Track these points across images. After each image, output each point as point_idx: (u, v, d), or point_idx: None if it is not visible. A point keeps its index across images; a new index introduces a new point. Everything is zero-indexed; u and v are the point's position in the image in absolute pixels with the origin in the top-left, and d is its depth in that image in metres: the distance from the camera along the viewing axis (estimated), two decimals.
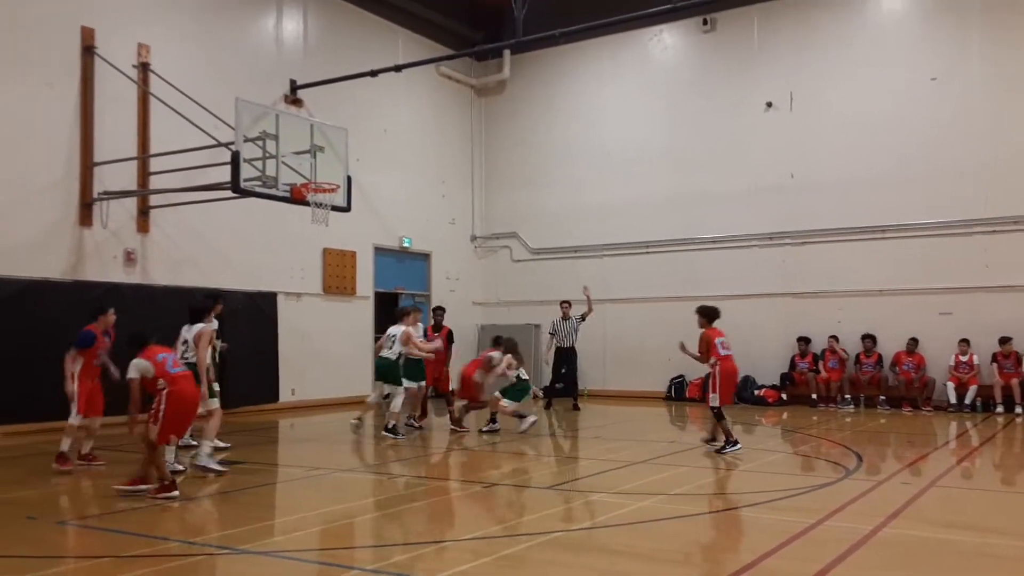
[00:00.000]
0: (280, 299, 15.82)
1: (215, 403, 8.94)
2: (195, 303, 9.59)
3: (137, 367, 7.20)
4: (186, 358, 8.55)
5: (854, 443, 11.01)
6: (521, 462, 9.96)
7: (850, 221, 16.46)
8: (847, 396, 15.87)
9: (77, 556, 5.36)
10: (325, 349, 16.55)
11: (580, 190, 19.61)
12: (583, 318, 15.83)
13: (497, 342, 12.29)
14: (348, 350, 17.19)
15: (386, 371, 11.58)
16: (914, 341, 15.65)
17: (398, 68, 15.76)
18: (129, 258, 13.62)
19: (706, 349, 10.09)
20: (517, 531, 6.23)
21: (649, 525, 6.32)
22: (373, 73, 15.74)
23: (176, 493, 7.05)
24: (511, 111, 20.94)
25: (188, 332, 8.88)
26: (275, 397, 15.49)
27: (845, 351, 16.24)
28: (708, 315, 10.34)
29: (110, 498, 7.27)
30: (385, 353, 11.57)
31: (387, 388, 11.71)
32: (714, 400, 9.92)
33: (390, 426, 11.34)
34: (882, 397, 15.67)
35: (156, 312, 13.76)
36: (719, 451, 9.83)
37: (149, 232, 13.95)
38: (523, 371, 12.11)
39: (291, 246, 15.91)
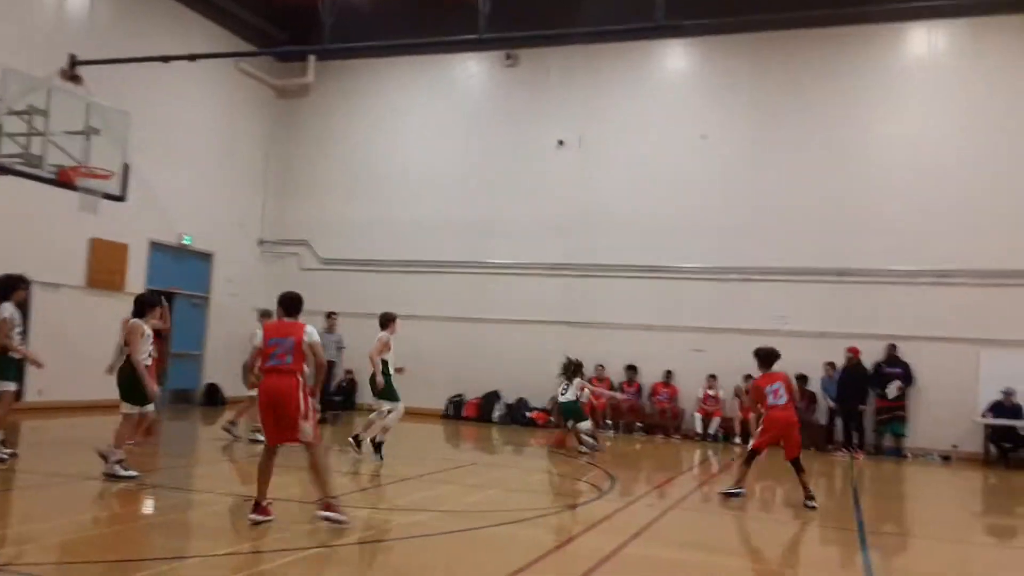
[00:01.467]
0: (35, 289, 14.45)
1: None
2: None
3: None
4: None
5: (611, 466, 11.78)
6: (287, 475, 9.75)
7: (626, 259, 17.67)
8: (608, 421, 16.95)
9: None
10: (84, 347, 15.28)
11: (377, 204, 19.58)
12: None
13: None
14: (109, 350, 15.97)
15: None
16: (669, 373, 17.07)
17: (192, 57, 14.98)
18: None
19: (755, 398, 9.70)
20: (278, 547, 6.12)
21: (410, 541, 6.45)
22: (165, 59, 14.83)
23: None
24: (313, 117, 20.55)
25: None
26: (17, 396, 14.07)
27: (610, 380, 17.39)
28: (765, 359, 9.69)
29: None
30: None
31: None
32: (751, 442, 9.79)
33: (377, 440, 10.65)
34: (639, 424, 16.91)
35: None
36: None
37: None
38: None
39: (53, 233, 14.61)
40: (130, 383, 8.47)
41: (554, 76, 18.74)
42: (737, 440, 16.04)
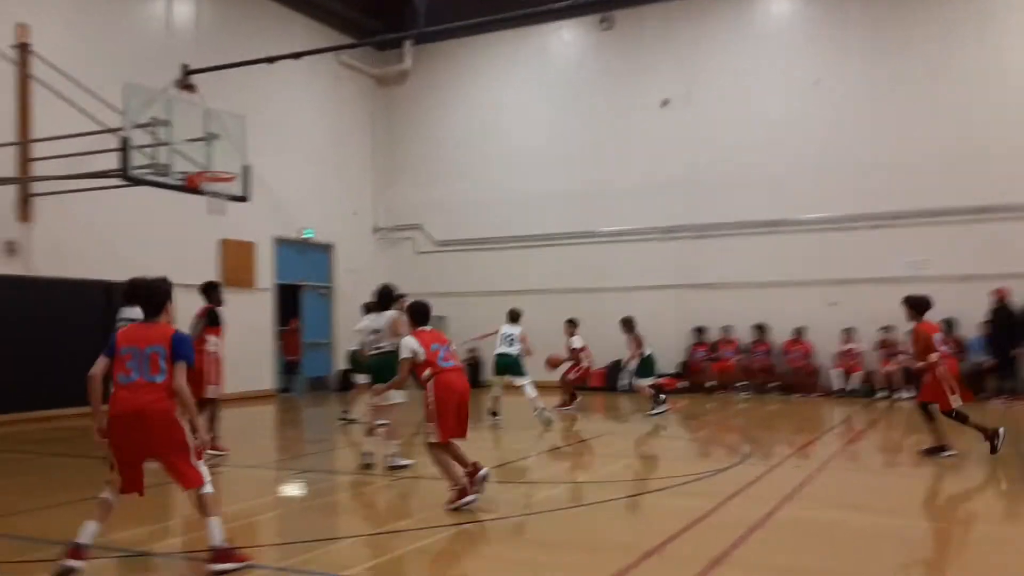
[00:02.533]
0: (174, 291, 15.18)
1: None
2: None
3: None
4: None
5: (748, 429, 11.44)
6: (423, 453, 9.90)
7: (744, 215, 17.06)
8: (741, 383, 16.49)
9: None
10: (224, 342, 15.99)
11: (484, 182, 19.64)
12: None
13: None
14: (248, 343, 16.70)
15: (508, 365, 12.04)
16: (800, 330, 16.41)
17: (297, 55, 15.33)
18: (9, 249, 12.85)
19: (924, 348, 8.64)
20: (428, 524, 6.20)
21: (556, 514, 6.41)
22: (271, 60, 15.25)
23: None
24: (413, 102, 20.76)
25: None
26: None
27: (739, 340, 16.89)
28: (918, 307, 8.85)
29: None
30: (505, 349, 12.12)
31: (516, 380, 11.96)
32: (955, 401, 8.49)
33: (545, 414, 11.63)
34: (773, 384, 16.37)
35: (38, 305, 13.09)
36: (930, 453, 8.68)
37: (32, 221, 13.19)
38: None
39: (186, 237, 15.32)
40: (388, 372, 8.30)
41: (653, 34, 18.22)
42: (881, 394, 15.29)
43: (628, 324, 13.62)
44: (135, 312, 8.50)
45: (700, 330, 17.30)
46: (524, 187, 19.13)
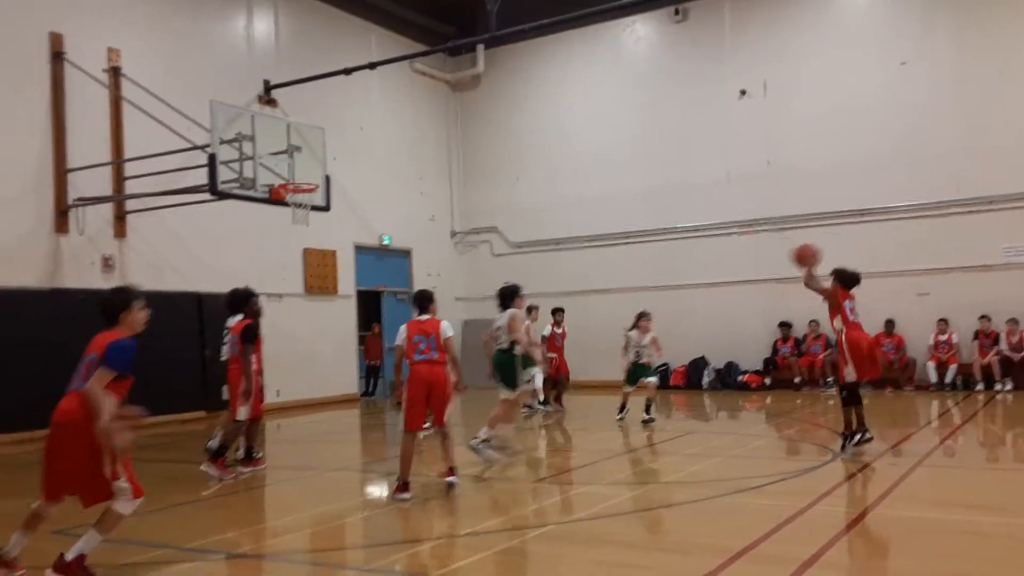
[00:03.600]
0: (262, 301, 15.67)
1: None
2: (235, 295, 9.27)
3: None
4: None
5: (839, 425, 11.11)
6: (509, 455, 9.96)
7: (827, 206, 16.58)
8: (830, 379, 16.02)
9: None
10: (308, 349, 16.46)
11: (559, 182, 19.62)
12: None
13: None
14: (332, 350, 17.13)
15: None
16: (891, 323, 15.83)
17: (372, 66, 15.66)
18: (107, 264, 13.47)
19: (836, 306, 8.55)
20: (513, 525, 6.24)
21: (643, 514, 6.35)
22: (347, 71, 15.64)
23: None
24: (487, 105, 20.90)
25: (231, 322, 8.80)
26: None
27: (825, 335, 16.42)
28: (843, 280, 8.90)
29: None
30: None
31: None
32: (850, 375, 8.35)
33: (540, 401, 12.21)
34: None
35: None
36: (844, 445, 8.50)
37: (126, 237, 13.80)
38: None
39: (271, 247, 15.80)
40: (507, 369, 8.76)
41: (728, 23, 17.87)
42: (979, 387, 14.64)
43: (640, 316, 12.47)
44: (236, 320, 8.88)
45: (786, 325, 16.87)
46: (600, 185, 19.03)
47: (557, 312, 14.13)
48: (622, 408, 12.08)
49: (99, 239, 13.38)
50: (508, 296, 9.04)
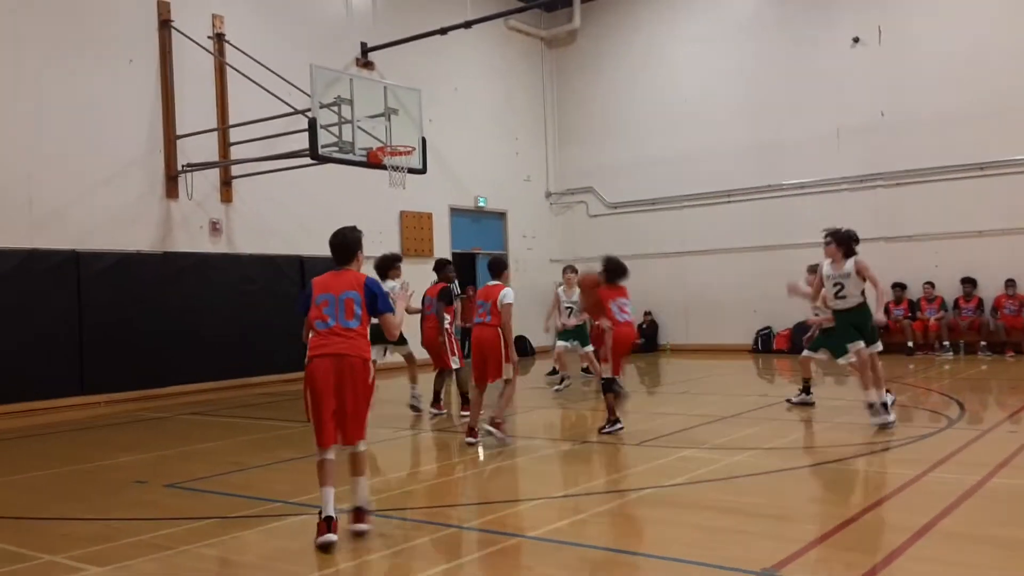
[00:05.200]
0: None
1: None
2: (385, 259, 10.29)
3: None
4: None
5: (955, 391, 10.57)
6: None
7: (946, 159, 15.64)
8: (946, 343, 15.24)
9: (185, 518, 5.53)
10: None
11: (656, 140, 19.16)
12: None
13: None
14: None
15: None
16: (1012, 282, 14.89)
17: (468, 24, 15.56)
18: (215, 228, 13.96)
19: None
20: (611, 488, 6.18)
21: (744, 480, 6.18)
22: (443, 31, 15.59)
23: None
24: (582, 62, 20.53)
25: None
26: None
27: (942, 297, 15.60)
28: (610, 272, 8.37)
29: (215, 463, 7.50)
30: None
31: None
32: (605, 371, 8.27)
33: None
34: (983, 343, 15.00)
35: (244, 280, 14.14)
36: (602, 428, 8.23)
37: (232, 202, 14.25)
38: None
39: (369, 210, 16.00)
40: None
41: None
42: None
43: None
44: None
45: (900, 286, 16.08)
46: (699, 142, 18.49)
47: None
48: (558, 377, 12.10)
49: (207, 204, 13.87)
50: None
